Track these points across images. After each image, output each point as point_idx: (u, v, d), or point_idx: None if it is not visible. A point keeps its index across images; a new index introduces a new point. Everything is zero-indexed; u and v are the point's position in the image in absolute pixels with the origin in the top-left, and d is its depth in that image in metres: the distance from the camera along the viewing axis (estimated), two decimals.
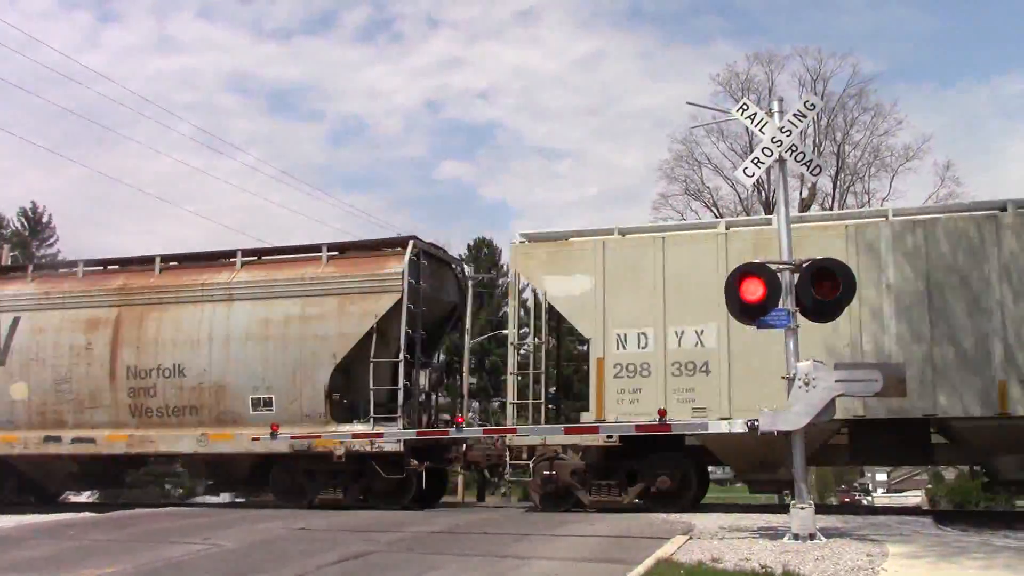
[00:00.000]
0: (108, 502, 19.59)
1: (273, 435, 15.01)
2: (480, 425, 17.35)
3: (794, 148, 12.09)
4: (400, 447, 16.85)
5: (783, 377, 11.48)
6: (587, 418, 16.07)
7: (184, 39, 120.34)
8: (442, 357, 21.65)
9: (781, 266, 11.66)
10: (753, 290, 11.30)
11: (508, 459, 17.03)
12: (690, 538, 11.34)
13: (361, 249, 19.13)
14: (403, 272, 17.66)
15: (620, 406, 15.83)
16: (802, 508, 11.03)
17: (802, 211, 41.22)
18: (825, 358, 12.33)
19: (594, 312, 16.36)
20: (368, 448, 17.05)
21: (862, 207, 42.41)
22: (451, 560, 10.19)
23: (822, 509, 14.93)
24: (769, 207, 40.07)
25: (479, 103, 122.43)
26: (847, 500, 44.39)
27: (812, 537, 10.83)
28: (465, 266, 20.26)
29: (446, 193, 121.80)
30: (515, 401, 17.11)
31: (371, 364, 17.51)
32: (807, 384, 11.08)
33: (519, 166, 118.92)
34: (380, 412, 17.54)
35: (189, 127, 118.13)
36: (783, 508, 14.75)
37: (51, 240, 55.75)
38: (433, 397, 19.63)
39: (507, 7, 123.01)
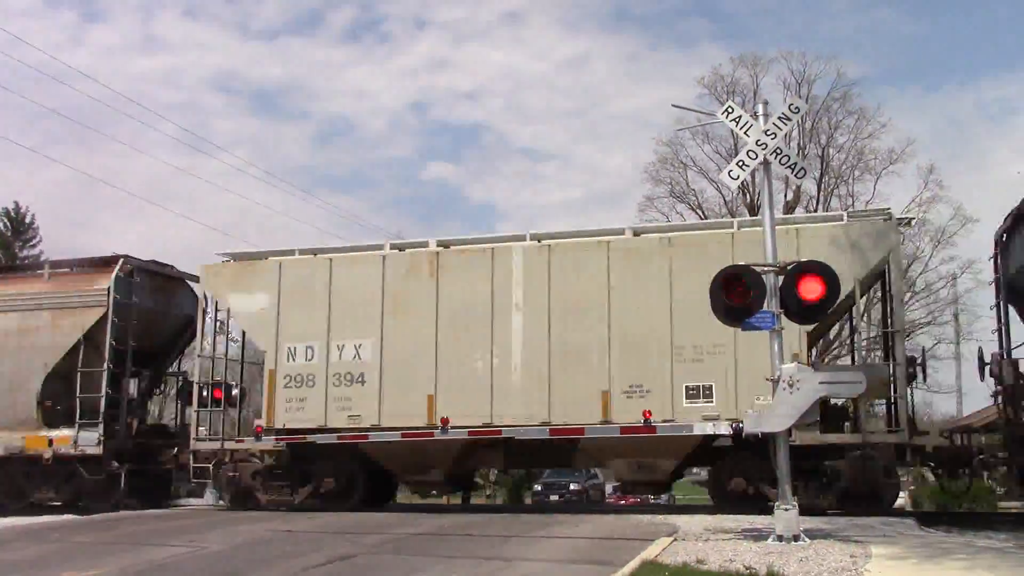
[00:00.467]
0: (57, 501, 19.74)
1: None
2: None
3: (779, 151, 12.13)
4: (100, 450, 18.40)
5: (768, 379, 11.53)
6: (260, 423, 17.55)
7: (169, 38, 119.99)
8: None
9: (766, 268, 11.71)
10: (738, 292, 11.35)
11: (191, 463, 18.08)
12: (675, 539, 11.37)
13: (81, 267, 20.42)
14: (109, 288, 19.06)
15: (288, 413, 17.29)
16: (786, 510, 11.07)
17: (786, 213, 41.50)
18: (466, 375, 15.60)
19: (270, 327, 17.64)
20: (72, 451, 18.49)
21: (846, 210, 42.64)
22: (436, 562, 10.19)
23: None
24: (754, 209, 40.15)
25: (465, 104, 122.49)
26: None
27: (796, 538, 10.87)
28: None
29: (432, 194, 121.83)
30: (198, 409, 18.35)
31: (79, 373, 18.92)
32: (791, 386, 11.12)
33: (505, 167, 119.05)
34: (88, 418, 18.77)
35: (173, 127, 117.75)
36: (768, 510, 14.83)
37: (34, 241, 55.37)
38: (147, 403, 21.74)
39: (493, 9, 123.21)
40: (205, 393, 18.52)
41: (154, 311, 20.25)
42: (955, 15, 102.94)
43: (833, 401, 14.85)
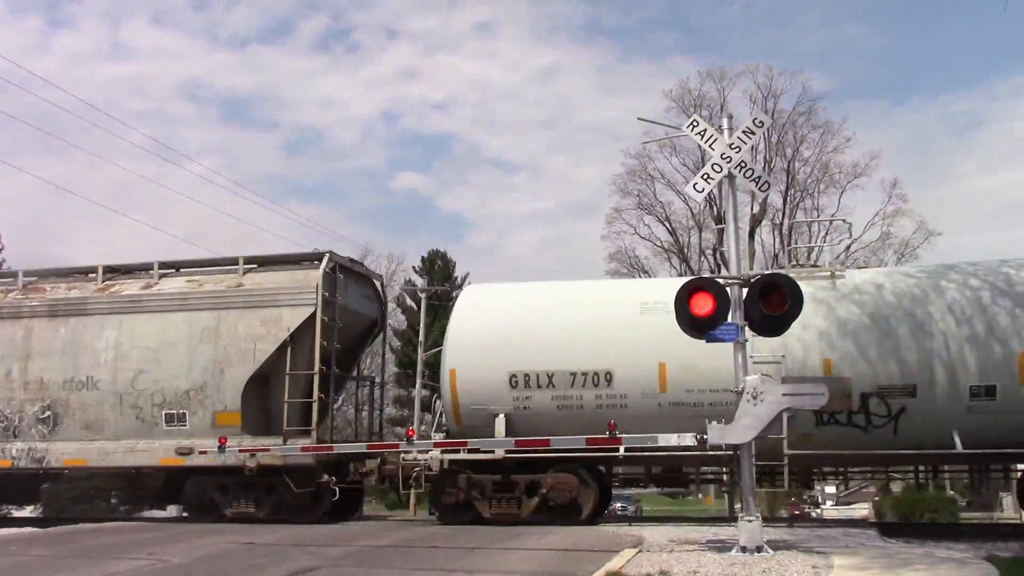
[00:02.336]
0: (52, 516, 19.23)
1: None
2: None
3: (743, 164, 12.23)
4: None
5: (731, 390, 11.60)
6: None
7: (137, 46, 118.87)
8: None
9: (730, 281, 11.80)
10: (702, 304, 11.42)
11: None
12: (639, 551, 11.38)
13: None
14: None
15: None
16: (750, 521, 11.13)
17: (752, 227, 41.86)
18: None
19: None
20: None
21: (811, 222, 43.12)
22: (400, 574, 10.13)
23: (772, 522, 15.07)
24: (721, 221, 40.46)
25: (436, 114, 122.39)
26: (796, 512, 44.85)
27: (759, 550, 10.93)
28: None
29: (402, 204, 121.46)
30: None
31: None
32: (755, 398, 11.20)
33: (476, 178, 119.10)
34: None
35: (140, 135, 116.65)
36: (733, 521, 14.90)
37: None
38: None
39: (465, 19, 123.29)
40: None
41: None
42: (921, 30, 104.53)
43: None
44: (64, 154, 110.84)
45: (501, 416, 16.09)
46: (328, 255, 18.33)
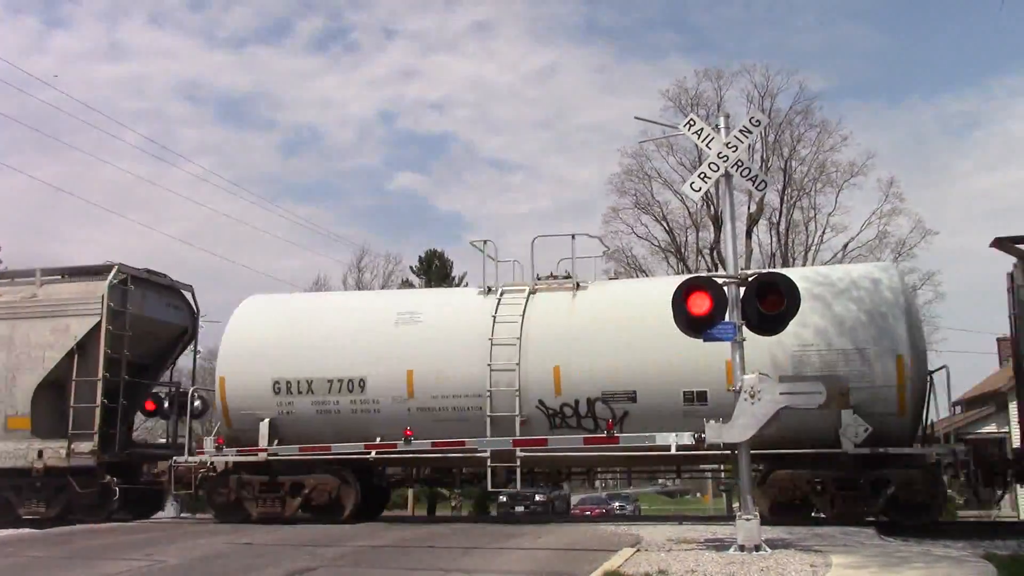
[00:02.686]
0: (49, 515, 19.23)
1: None
2: None
3: (740, 163, 12.21)
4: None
5: (729, 389, 11.59)
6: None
7: (134, 46, 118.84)
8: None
9: (728, 280, 11.79)
10: (700, 304, 11.41)
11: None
12: (638, 550, 11.36)
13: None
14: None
15: None
16: (748, 520, 11.12)
17: (749, 226, 41.86)
18: None
19: None
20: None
21: (807, 222, 43.12)
22: (397, 574, 10.11)
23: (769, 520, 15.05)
24: (719, 221, 40.48)
25: (433, 114, 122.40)
26: None
27: (757, 548, 10.92)
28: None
29: (399, 205, 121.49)
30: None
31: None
32: (752, 397, 11.20)
33: (472, 178, 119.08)
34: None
35: (137, 136, 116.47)
36: (731, 519, 14.91)
37: None
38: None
39: (463, 19, 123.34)
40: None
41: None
42: (919, 30, 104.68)
43: None
44: (61, 154, 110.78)
45: (265, 421, 17.02)
46: (117, 267, 19.18)
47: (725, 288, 11.60)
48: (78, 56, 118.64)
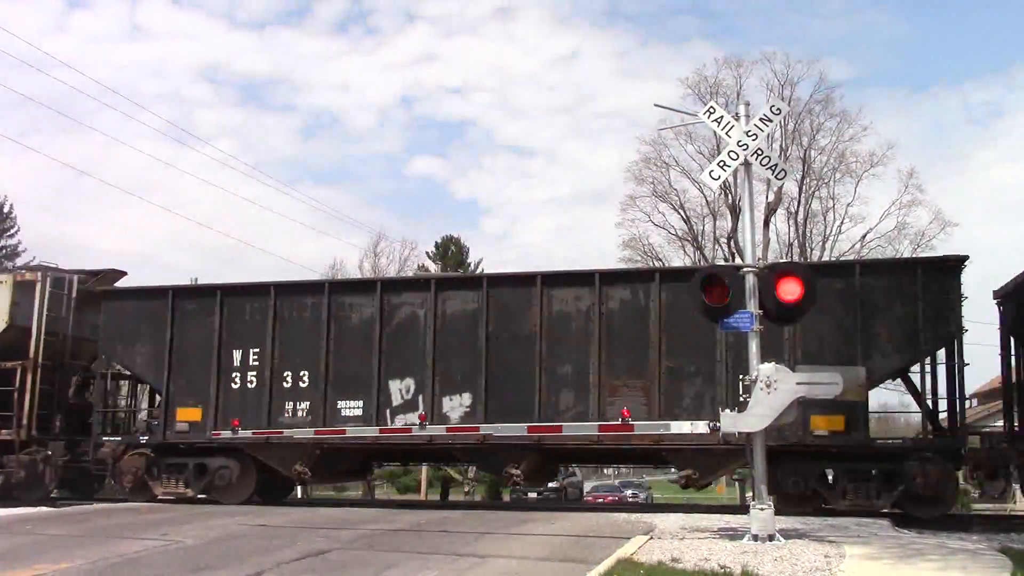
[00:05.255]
0: (70, 497, 19.43)
1: None
2: None
3: (760, 152, 12.16)
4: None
5: (743, 378, 11.57)
6: None
7: (155, 27, 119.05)
8: None
9: (746, 269, 11.75)
10: (717, 293, 11.40)
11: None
12: (651, 538, 11.38)
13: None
14: None
15: None
16: (762, 509, 11.11)
17: (767, 216, 41.65)
18: None
19: None
20: None
21: (826, 212, 42.86)
22: (410, 558, 10.15)
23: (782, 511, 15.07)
24: (736, 210, 40.32)
25: (453, 99, 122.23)
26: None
27: (771, 538, 10.91)
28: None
29: (417, 189, 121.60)
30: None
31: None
32: (768, 386, 11.16)
33: (491, 163, 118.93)
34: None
35: (157, 118, 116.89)
36: (744, 509, 14.90)
37: (12, 231, 54.90)
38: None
39: (485, 3, 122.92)
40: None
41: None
42: (945, 17, 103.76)
43: None
44: (81, 136, 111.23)
45: None
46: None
47: (743, 277, 11.58)
48: (99, 37, 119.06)
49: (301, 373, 17.59)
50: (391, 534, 12.33)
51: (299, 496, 34.62)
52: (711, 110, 12.72)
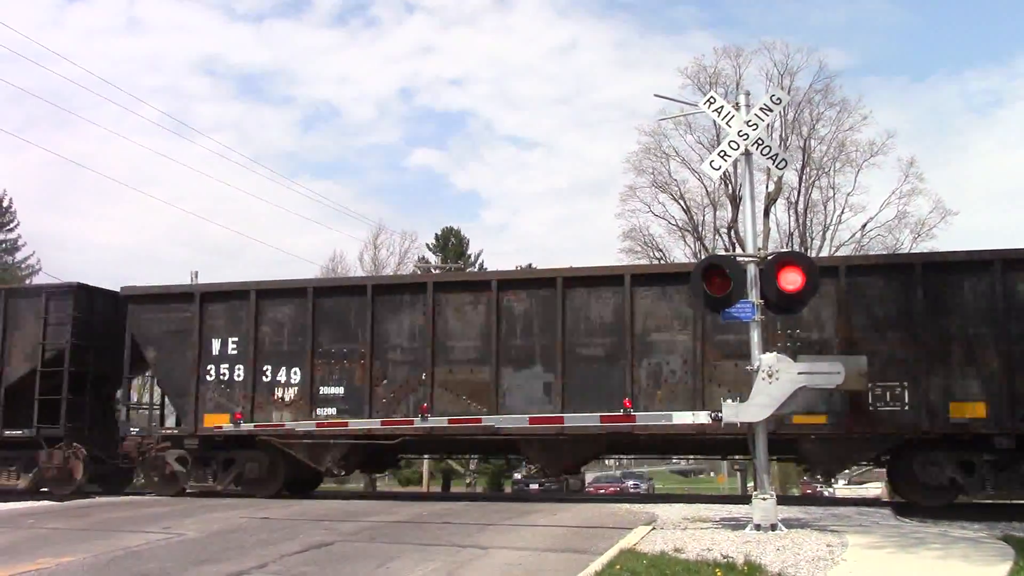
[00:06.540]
0: (100, 492, 19.48)
1: None
2: None
3: (760, 142, 12.14)
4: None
5: (748, 368, 11.57)
6: None
7: (152, 20, 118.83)
8: None
9: (747, 259, 11.73)
10: (719, 283, 11.38)
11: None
12: (653, 528, 11.39)
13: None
14: None
15: None
16: (764, 499, 11.11)
17: (767, 206, 41.61)
18: None
19: None
20: None
21: (826, 202, 42.83)
22: (412, 550, 10.15)
23: (784, 500, 15.08)
24: (736, 200, 40.29)
25: (452, 90, 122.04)
26: (809, 491, 44.87)
27: (773, 528, 10.92)
28: None
29: (416, 181, 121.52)
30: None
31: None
32: (770, 376, 11.16)
33: (490, 155, 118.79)
34: None
35: (155, 111, 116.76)
36: (746, 499, 14.90)
37: (11, 225, 54.89)
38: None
39: None
40: None
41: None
42: (945, 6, 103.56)
43: None
44: (78, 129, 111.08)
45: None
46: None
47: (745, 267, 11.56)
48: (96, 31, 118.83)
49: None
50: (393, 526, 12.34)
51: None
52: (711, 100, 12.69)
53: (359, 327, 17.04)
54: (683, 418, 13.17)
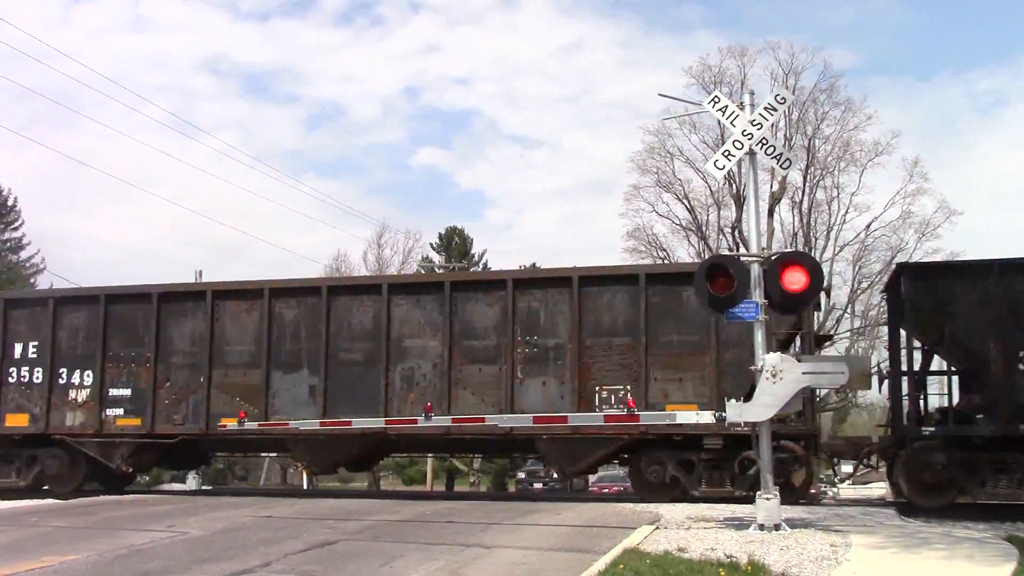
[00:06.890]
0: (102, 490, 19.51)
1: None
2: None
3: (764, 141, 12.12)
4: None
5: (751, 368, 11.56)
6: None
7: (158, 19, 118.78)
8: None
9: (751, 259, 11.72)
10: (722, 282, 11.36)
11: None
12: (657, 528, 11.38)
13: None
14: None
15: None
16: (768, 499, 11.10)
17: (771, 205, 41.55)
18: None
19: None
20: None
21: (830, 202, 42.75)
22: (416, 549, 10.16)
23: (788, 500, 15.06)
24: (740, 200, 40.23)
25: (457, 89, 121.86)
26: (813, 491, 44.94)
27: (777, 528, 10.90)
28: None
29: (421, 180, 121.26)
30: None
31: None
32: (774, 376, 11.14)
33: (495, 154, 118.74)
34: None
35: (160, 109, 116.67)
36: (750, 500, 14.90)
37: (16, 223, 54.93)
38: None
39: None
40: None
41: None
42: (951, 5, 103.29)
43: None
44: (82, 127, 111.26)
45: None
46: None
47: (748, 267, 11.54)
48: (102, 29, 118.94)
49: None
50: (396, 525, 12.35)
51: (305, 487, 34.71)
52: (716, 99, 12.68)
53: (145, 333, 18.37)
54: (687, 417, 13.17)
